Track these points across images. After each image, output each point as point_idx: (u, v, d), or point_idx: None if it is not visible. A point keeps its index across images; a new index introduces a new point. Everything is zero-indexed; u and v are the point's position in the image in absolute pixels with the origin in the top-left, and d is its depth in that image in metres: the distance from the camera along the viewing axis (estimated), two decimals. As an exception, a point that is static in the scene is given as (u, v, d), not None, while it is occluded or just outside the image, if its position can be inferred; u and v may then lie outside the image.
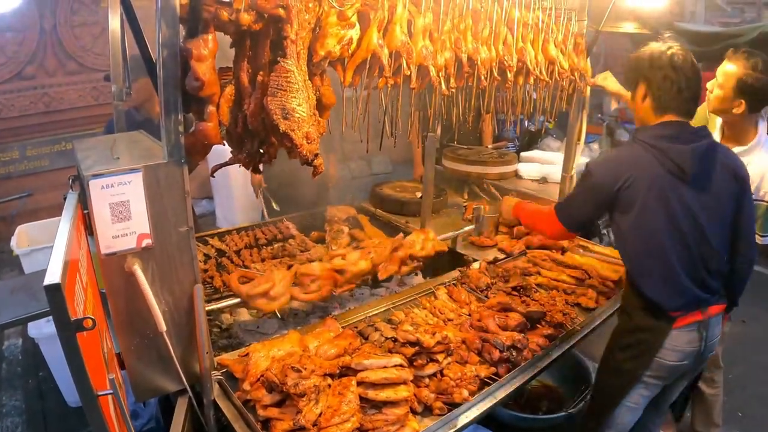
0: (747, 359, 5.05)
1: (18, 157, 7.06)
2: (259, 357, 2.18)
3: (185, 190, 1.90)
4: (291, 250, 3.55)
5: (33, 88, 6.95)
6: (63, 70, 7.11)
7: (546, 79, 3.18)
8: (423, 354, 2.24)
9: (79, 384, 1.37)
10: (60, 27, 6.91)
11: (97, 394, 1.40)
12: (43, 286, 1.28)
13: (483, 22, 2.77)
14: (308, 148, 1.97)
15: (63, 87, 7.14)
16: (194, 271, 2.00)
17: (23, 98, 6.90)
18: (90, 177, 1.74)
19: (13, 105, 6.83)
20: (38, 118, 7.05)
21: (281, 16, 1.87)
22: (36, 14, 6.59)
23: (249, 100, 1.99)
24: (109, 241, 1.80)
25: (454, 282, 3.20)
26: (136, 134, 2.44)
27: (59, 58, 7.05)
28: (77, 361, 1.34)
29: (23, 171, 7.11)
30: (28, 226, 4.71)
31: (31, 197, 6.77)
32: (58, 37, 6.95)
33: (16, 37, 6.65)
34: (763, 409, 4.52)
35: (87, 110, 7.29)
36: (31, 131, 7.07)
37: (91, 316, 1.36)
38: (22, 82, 6.86)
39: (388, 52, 2.28)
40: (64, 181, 6.52)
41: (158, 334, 1.93)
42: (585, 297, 3.10)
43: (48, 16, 6.73)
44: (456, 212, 4.62)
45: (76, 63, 7.14)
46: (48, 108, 7.08)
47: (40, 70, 6.96)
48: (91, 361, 1.43)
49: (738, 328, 5.32)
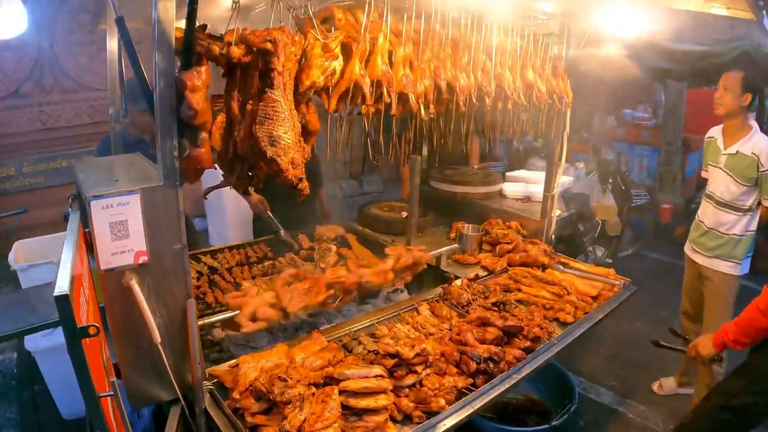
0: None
1: (14, 174, 7.12)
2: (248, 368, 2.30)
3: (179, 210, 2.01)
4: (281, 267, 3.66)
5: (30, 105, 7.02)
6: (59, 88, 7.19)
7: (524, 103, 3.32)
8: (403, 365, 2.37)
9: (83, 386, 1.49)
10: (57, 45, 7.00)
11: (99, 395, 1.53)
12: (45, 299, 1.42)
13: (462, 49, 2.91)
14: (293, 173, 2.11)
15: (59, 105, 7.21)
16: (187, 286, 2.11)
17: (20, 115, 6.97)
18: (91, 198, 1.86)
19: (10, 122, 6.90)
20: (34, 136, 7.11)
21: (269, 49, 2.02)
22: (33, 33, 6.68)
23: (239, 127, 2.13)
24: (108, 257, 1.91)
25: (436, 298, 3.32)
26: (133, 156, 2.57)
27: (56, 76, 7.12)
28: (82, 364, 1.47)
29: (19, 187, 7.16)
30: (25, 242, 4.77)
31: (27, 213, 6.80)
32: (55, 56, 7.03)
33: (14, 55, 6.73)
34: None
35: (83, 128, 7.37)
36: (28, 148, 7.12)
37: (95, 324, 1.49)
38: (19, 100, 6.93)
39: (369, 81, 2.43)
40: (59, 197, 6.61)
41: (153, 346, 2.03)
42: (563, 312, 3.21)
43: (45, 35, 6.81)
44: (442, 231, 4.73)
45: (73, 81, 7.22)
46: (44, 125, 7.16)
47: (36, 87, 7.04)
48: (92, 366, 1.55)
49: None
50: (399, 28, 2.60)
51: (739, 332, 2.90)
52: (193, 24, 1.86)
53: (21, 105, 6.96)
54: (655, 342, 3.42)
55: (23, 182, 7.20)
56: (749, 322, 2.85)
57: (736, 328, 2.92)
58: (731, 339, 2.93)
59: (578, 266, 3.93)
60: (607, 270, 3.82)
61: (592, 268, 3.90)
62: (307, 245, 4.05)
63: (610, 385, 4.96)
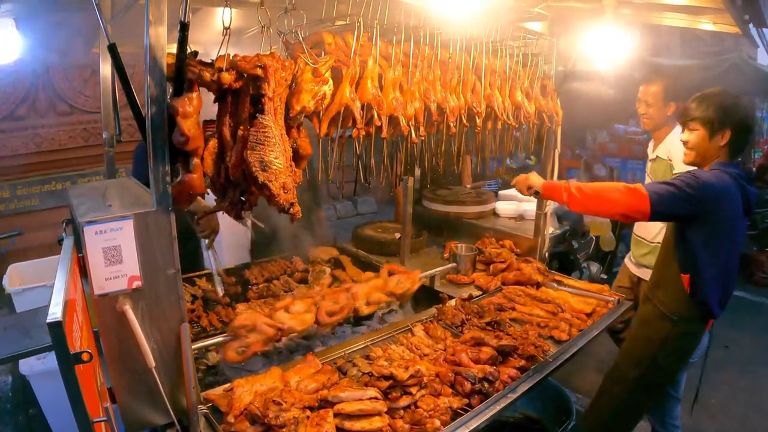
0: (730, 383, 5.21)
1: (8, 196, 7.12)
2: (242, 391, 2.30)
3: (172, 235, 2.03)
4: (275, 290, 3.67)
5: (24, 128, 7.03)
6: (54, 111, 7.21)
7: (513, 123, 3.35)
8: (397, 387, 2.37)
9: (77, 411, 1.49)
10: (52, 69, 7.04)
11: (92, 420, 1.53)
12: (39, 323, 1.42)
13: (452, 71, 2.94)
14: (285, 198, 2.12)
15: (54, 128, 7.21)
16: (181, 310, 2.12)
17: (15, 138, 6.97)
18: (85, 223, 1.87)
19: (4, 145, 6.89)
20: (29, 158, 7.11)
21: (259, 75, 2.05)
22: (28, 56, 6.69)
23: (231, 153, 2.15)
24: (102, 282, 1.92)
25: (430, 319, 3.32)
26: (125, 181, 2.59)
27: (50, 99, 7.15)
28: (75, 390, 1.48)
29: (13, 210, 7.15)
30: (20, 266, 4.75)
31: (21, 236, 6.80)
32: (49, 79, 7.07)
33: (8, 78, 6.75)
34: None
35: (77, 151, 7.39)
36: (22, 171, 7.12)
37: (88, 350, 1.49)
38: (13, 123, 6.94)
39: (360, 104, 2.45)
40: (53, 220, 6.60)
41: (147, 370, 2.03)
42: (558, 330, 3.21)
43: (40, 58, 6.82)
44: (435, 251, 4.74)
45: (67, 105, 7.25)
46: (39, 148, 7.16)
47: (31, 110, 7.05)
48: (86, 391, 1.56)
49: (720, 353, 5.47)
50: (388, 52, 2.63)
51: (587, 188, 2.98)
52: (184, 51, 1.89)
53: (15, 128, 6.96)
54: None
55: (17, 205, 7.19)
56: (606, 188, 2.96)
57: (584, 186, 3.01)
58: (571, 186, 3.03)
59: (572, 283, 3.95)
60: (602, 286, 3.83)
61: (587, 285, 3.91)
62: (301, 267, 4.06)
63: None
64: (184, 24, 1.85)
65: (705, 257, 2.94)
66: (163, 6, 1.83)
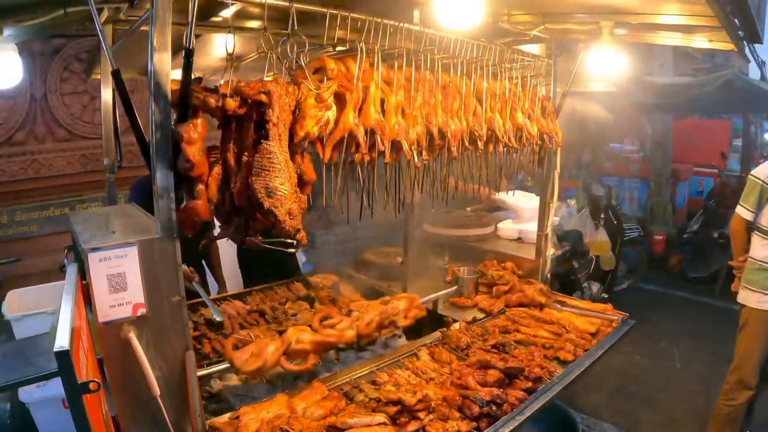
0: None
1: (7, 222, 7.08)
2: (249, 419, 2.28)
3: (177, 262, 2.02)
4: (278, 316, 3.65)
5: (23, 154, 7.00)
6: (52, 137, 7.19)
7: (515, 145, 3.36)
8: (405, 412, 2.35)
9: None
10: (50, 95, 7.02)
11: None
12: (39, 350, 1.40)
13: (453, 95, 2.95)
14: (291, 224, 2.11)
15: (52, 154, 7.19)
16: (186, 338, 2.11)
17: (13, 164, 6.95)
18: (89, 250, 1.86)
19: (3, 170, 6.87)
20: (27, 184, 7.09)
21: (263, 101, 2.05)
22: (27, 81, 6.70)
23: (235, 179, 2.15)
24: (106, 310, 1.91)
25: (435, 343, 3.31)
26: (128, 207, 2.58)
27: (49, 125, 7.14)
28: (83, 420, 1.46)
29: (11, 236, 7.11)
30: (19, 292, 4.71)
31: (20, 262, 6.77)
32: (48, 105, 7.06)
33: (7, 104, 6.73)
34: None
35: (75, 177, 7.36)
36: (20, 197, 7.09)
37: (95, 380, 1.47)
38: (12, 148, 6.92)
39: (363, 129, 2.45)
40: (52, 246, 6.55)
41: (152, 398, 2.01)
42: (563, 351, 3.21)
43: (38, 84, 6.83)
44: (438, 275, 4.70)
45: (65, 131, 7.24)
46: (37, 174, 7.13)
47: (29, 136, 7.03)
48: (92, 421, 1.53)
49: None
50: (390, 76, 2.63)
51: None
52: (189, 77, 1.90)
53: (14, 153, 6.95)
54: None
55: (16, 231, 7.15)
56: None
57: None
58: None
59: (575, 303, 3.94)
60: (605, 306, 3.83)
61: (590, 305, 3.90)
62: (302, 293, 4.04)
63: (615, 421, 4.92)
64: (189, 50, 1.86)
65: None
66: (167, 33, 1.85)
